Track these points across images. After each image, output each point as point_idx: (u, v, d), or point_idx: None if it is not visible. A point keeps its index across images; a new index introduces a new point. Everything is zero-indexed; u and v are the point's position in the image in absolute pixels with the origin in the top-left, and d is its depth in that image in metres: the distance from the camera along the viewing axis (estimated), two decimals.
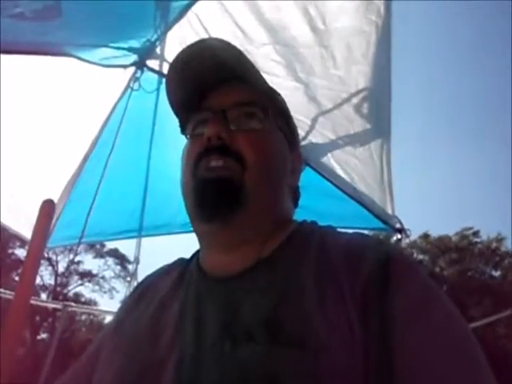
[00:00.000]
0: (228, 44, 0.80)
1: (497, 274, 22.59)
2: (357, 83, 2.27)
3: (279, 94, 0.89)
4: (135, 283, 3.13)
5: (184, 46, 0.80)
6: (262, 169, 0.75)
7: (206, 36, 2.19)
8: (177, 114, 0.86)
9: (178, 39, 2.29)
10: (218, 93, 0.81)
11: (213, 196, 0.73)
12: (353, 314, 0.60)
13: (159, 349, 0.69)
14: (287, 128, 0.87)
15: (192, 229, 0.81)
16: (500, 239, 22.46)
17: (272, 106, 0.83)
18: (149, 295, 0.83)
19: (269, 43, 2.21)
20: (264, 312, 0.64)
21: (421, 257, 22.74)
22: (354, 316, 0.60)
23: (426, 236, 23.10)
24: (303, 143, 2.35)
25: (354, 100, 2.30)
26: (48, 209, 1.49)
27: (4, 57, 2.09)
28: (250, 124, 0.78)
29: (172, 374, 0.64)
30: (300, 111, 2.33)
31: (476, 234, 23.17)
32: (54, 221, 2.32)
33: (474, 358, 0.57)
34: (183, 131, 0.85)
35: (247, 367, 0.59)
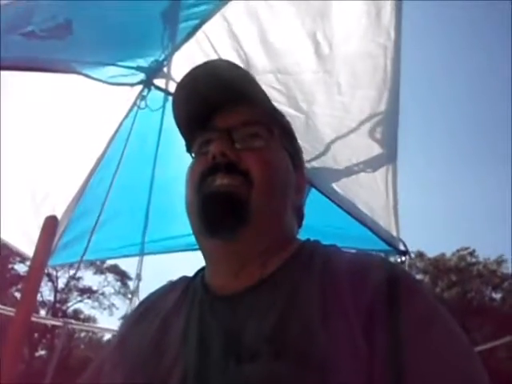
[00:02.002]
0: (234, 65, 0.82)
1: (497, 296, 22.46)
2: (361, 109, 2.26)
3: (284, 115, 0.90)
4: (137, 300, 3.13)
5: (191, 64, 0.82)
6: (268, 186, 0.76)
7: (214, 56, 2.22)
8: (183, 133, 0.87)
9: (185, 58, 2.30)
10: (223, 113, 0.82)
11: (218, 212, 0.74)
12: (357, 332, 0.61)
13: (163, 366, 0.68)
14: (292, 148, 0.88)
15: (194, 247, 0.81)
16: (500, 261, 22.39)
17: (277, 126, 0.84)
18: (152, 312, 0.83)
19: (270, 71, 2.21)
20: (268, 330, 0.64)
21: (420, 277, 22.61)
22: (359, 334, 0.60)
23: (420, 255, 22.98)
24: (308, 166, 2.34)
25: (367, 125, 2.29)
26: (51, 225, 1.50)
27: (11, 73, 2.11)
28: (254, 143, 0.80)
29: None
30: (300, 138, 2.31)
31: (472, 253, 23.18)
32: (56, 238, 2.31)
33: (479, 376, 0.57)
34: (189, 150, 0.86)
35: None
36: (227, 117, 0.81)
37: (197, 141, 0.83)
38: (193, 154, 0.85)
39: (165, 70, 2.41)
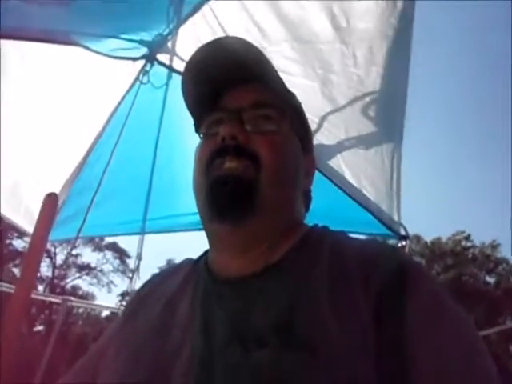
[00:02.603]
0: (247, 43, 0.79)
1: (491, 280, 22.80)
2: (374, 85, 2.25)
3: (296, 96, 0.89)
4: (137, 279, 3.15)
5: (197, 41, 0.79)
6: (277, 171, 0.75)
7: (219, 32, 2.17)
8: (191, 112, 0.85)
9: (190, 34, 2.25)
10: (234, 92, 0.80)
11: (226, 196, 0.72)
12: (366, 320, 0.60)
13: (168, 349, 0.68)
14: (302, 131, 0.86)
15: (197, 227, 0.80)
16: (495, 245, 22.69)
17: (288, 108, 0.83)
18: (156, 295, 0.82)
19: (286, 40, 2.17)
20: (275, 317, 0.63)
21: (417, 260, 22.89)
22: (368, 323, 0.60)
23: (417, 238, 23.24)
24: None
25: (364, 101, 2.29)
26: (51, 202, 1.47)
27: (8, 42, 2.06)
28: (265, 126, 0.78)
29: (180, 378, 0.63)
30: (313, 110, 2.29)
31: (468, 238, 23.49)
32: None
33: (486, 371, 0.57)
34: (197, 130, 0.84)
35: (258, 372, 0.58)
36: (238, 97, 0.79)
37: (206, 120, 0.82)
38: (201, 135, 0.83)
39: (169, 45, 2.37)
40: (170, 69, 2.48)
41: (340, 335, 0.58)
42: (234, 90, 0.80)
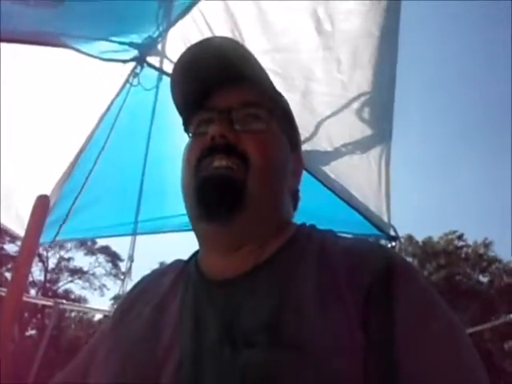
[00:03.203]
0: (235, 43, 0.80)
1: (484, 279, 22.84)
2: (359, 88, 2.25)
3: (283, 96, 0.89)
4: (129, 281, 3.14)
5: (186, 43, 0.80)
6: (266, 170, 0.75)
7: (209, 34, 2.17)
8: (180, 111, 0.85)
9: (180, 36, 2.25)
10: (223, 92, 0.80)
11: (214, 195, 0.72)
12: (354, 319, 0.60)
13: (157, 351, 0.67)
14: (290, 130, 0.87)
15: (188, 228, 0.80)
16: (487, 244, 22.73)
17: (277, 107, 0.83)
18: (146, 296, 0.82)
19: (267, 51, 2.16)
20: (264, 316, 0.63)
21: (409, 260, 22.81)
22: (355, 321, 0.60)
23: (410, 238, 23.22)
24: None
25: (355, 105, 2.28)
26: (43, 204, 1.46)
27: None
28: (254, 125, 0.78)
29: (170, 378, 0.63)
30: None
31: (460, 237, 23.46)
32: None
33: (474, 366, 0.57)
34: (186, 130, 0.84)
35: (247, 371, 0.58)
36: (227, 96, 0.79)
37: (194, 120, 0.81)
38: (190, 134, 0.82)
39: (159, 47, 2.37)
40: (160, 71, 2.49)
41: (328, 334, 0.59)
42: (222, 90, 0.80)
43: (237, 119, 0.77)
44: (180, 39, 2.26)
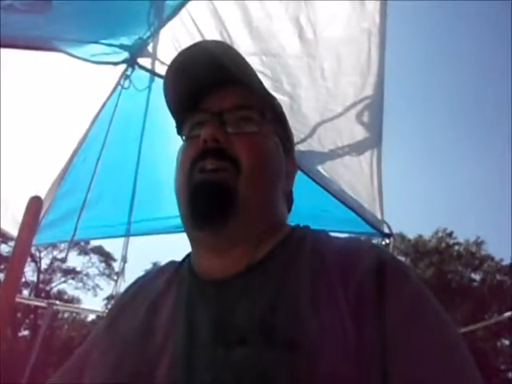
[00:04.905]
0: (228, 46, 0.80)
1: (476, 277, 22.91)
2: (345, 94, 2.25)
3: (276, 99, 0.89)
4: (122, 282, 3.14)
5: (176, 44, 0.81)
6: (257, 173, 0.75)
7: (198, 35, 2.18)
8: (173, 114, 0.85)
9: (170, 38, 2.26)
10: (215, 95, 0.81)
11: (205, 203, 0.73)
12: (346, 318, 0.61)
13: (151, 351, 0.68)
14: (283, 133, 0.87)
15: (180, 229, 0.80)
16: (479, 242, 22.78)
17: (269, 109, 0.83)
18: (140, 296, 0.82)
19: (255, 53, 2.17)
20: (257, 315, 0.64)
21: (401, 259, 22.70)
22: (348, 319, 0.61)
23: (401, 237, 23.16)
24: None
25: (353, 110, 2.29)
26: (35, 206, 1.48)
27: None
28: (246, 127, 0.78)
29: (164, 377, 0.64)
30: None
31: (451, 234, 23.49)
32: (40, 218, 2.29)
33: (465, 364, 0.58)
34: (179, 132, 0.84)
35: (240, 370, 0.59)
36: (219, 99, 0.80)
37: (187, 122, 0.82)
38: (183, 137, 0.83)
39: (150, 49, 2.37)
40: (152, 72, 2.49)
41: (321, 333, 0.59)
42: (215, 93, 0.80)
43: (229, 121, 0.77)
44: (170, 40, 2.26)
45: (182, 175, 0.77)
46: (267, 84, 2.23)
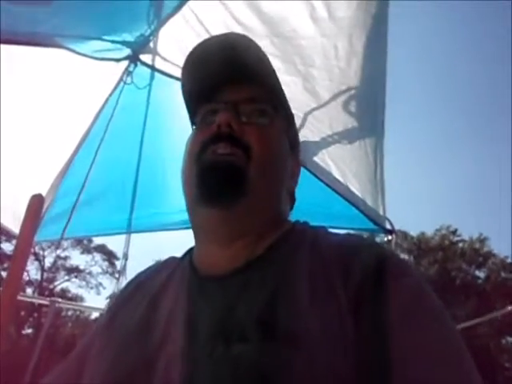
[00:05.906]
0: (249, 40, 0.82)
1: (480, 274, 22.88)
2: (357, 75, 2.24)
3: (287, 100, 0.90)
4: (124, 279, 3.13)
5: (178, 40, 0.80)
6: (267, 163, 0.77)
7: (201, 30, 2.17)
8: (188, 103, 0.87)
9: (171, 33, 2.25)
10: (231, 87, 0.82)
11: (216, 179, 0.74)
12: (346, 314, 0.61)
13: (150, 346, 0.68)
14: (291, 131, 0.89)
15: (182, 226, 0.80)
16: (483, 239, 22.75)
17: (282, 106, 0.85)
18: (140, 292, 0.82)
19: (266, 35, 2.16)
20: (257, 311, 0.63)
21: (405, 256, 22.80)
22: (347, 316, 0.60)
23: (404, 234, 23.20)
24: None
25: (342, 97, 2.29)
26: (37, 203, 1.48)
27: None
28: (259, 119, 0.80)
29: (163, 373, 0.64)
30: (297, 105, 2.28)
31: (455, 232, 23.47)
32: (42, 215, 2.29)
33: (463, 362, 0.58)
34: (192, 121, 0.86)
35: (240, 366, 0.59)
36: (236, 91, 0.81)
37: (201, 111, 0.83)
38: (195, 125, 0.85)
39: (151, 45, 2.37)
40: (153, 69, 2.49)
41: (321, 329, 0.59)
42: (232, 85, 0.82)
43: (243, 112, 0.79)
44: (172, 36, 2.25)
45: (191, 159, 0.78)
46: (280, 65, 2.22)
